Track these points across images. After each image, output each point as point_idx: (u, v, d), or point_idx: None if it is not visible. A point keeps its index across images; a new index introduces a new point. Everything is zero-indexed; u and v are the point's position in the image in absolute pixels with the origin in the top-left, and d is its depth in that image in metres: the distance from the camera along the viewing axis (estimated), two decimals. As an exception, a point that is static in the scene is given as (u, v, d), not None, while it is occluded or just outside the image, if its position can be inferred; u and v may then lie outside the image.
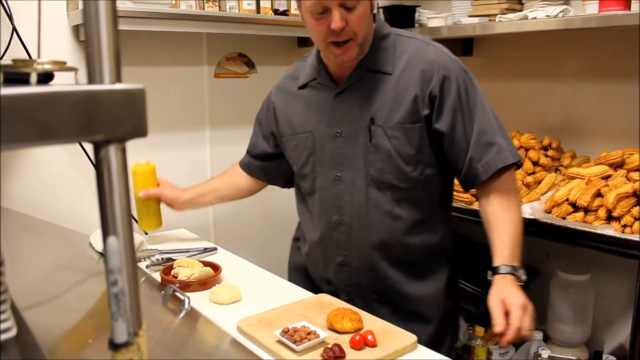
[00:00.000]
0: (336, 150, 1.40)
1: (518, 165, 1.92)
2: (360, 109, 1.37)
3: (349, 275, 1.44)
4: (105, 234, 0.47)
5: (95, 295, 1.09)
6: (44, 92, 0.42)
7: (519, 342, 1.17)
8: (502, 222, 1.33)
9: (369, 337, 1.07)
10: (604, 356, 1.96)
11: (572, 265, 1.98)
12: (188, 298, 1.24)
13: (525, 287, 2.28)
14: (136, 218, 1.69)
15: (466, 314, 2.34)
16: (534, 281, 2.27)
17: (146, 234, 1.81)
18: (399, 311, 1.43)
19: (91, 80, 0.45)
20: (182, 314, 1.20)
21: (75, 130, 0.43)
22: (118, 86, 0.45)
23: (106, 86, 0.45)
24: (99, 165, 0.46)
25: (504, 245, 1.30)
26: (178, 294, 1.26)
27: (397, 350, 1.07)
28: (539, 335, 1.95)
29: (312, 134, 1.44)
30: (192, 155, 2.09)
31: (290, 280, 1.59)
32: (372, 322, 1.18)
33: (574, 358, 1.74)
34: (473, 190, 1.44)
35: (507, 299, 1.21)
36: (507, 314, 1.19)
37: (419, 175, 1.37)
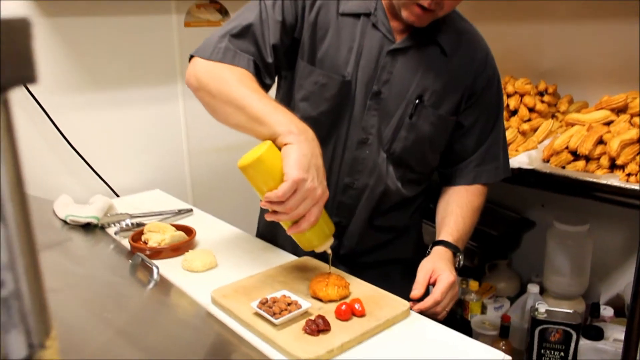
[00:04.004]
0: (369, 110, 1.22)
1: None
2: (410, 78, 1.21)
3: (340, 237, 1.33)
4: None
5: (47, 269, 0.98)
6: None
7: (431, 318, 1.09)
8: (465, 213, 1.30)
9: (356, 305, 0.97)
10: (602, 307, 1.90)
11: (570, 215, 1.90)
12: (157, 267, 1.13)
13: (520, 239, 2.23)
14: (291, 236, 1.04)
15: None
16: (529, 232, 2.20)
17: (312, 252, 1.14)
18: (381, 269, 1.38)
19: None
20: (151, 284, 1.10)
21: None
22: (-13, 14, 0.32)
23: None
24: (-30, 125, 0.33)
25: (458, 228, 1.27)
26: (147, 263, 1.15)
27: (389, 319, 0.97)
28: (535, 288, 1.88)
29: (350, 84, 1.20)
30: (164, 112, 1.95)
31: (262, 229, 1.49)
32: (359, 288, 1.08)
33: (571, 311, 1.67)
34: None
35: (438, 270, 1.16)
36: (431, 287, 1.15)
37: (434, 162, 1.34)
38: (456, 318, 2.05)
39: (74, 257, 1.12)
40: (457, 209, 1.30)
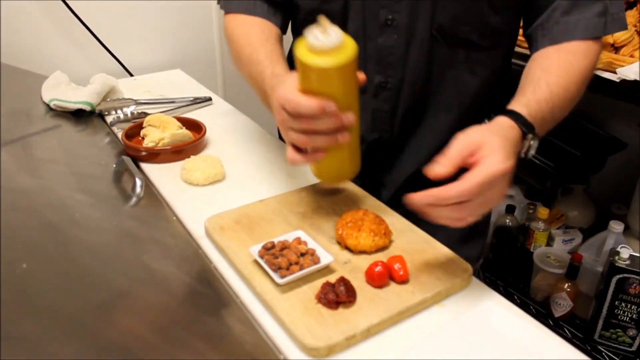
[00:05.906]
0: None
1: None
2: None
3: (381, 154, 1.02)
4: None
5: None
6: None
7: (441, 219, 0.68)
8: (552, 78, 0.84)
9: (397, 266, 0.68)
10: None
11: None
12: (141, 179, 0.87)
13: (604, 162, 1.86)
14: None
15: (527, 188, 1.94)
16: (616, 155, 1.83)
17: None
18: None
19: None
20: (131, 203, 0.84)
21: None
22: None
23: None
24: None
25: (538, 98, 0.82)
26: (131, 171, 0.89)
27: (440, 291, 0.68)
28: (619, 227, 1.55)
29: None
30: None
31: None
32: (404, 236, 0.79)
33: (662, 260, 1.36)
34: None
35: (485, 147, 0.67)
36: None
37: (505, 27, 0.93)
38: (516, 246, 1.76)
39: (33, 160, 0.85)
40: (540, 74, 0.87)
